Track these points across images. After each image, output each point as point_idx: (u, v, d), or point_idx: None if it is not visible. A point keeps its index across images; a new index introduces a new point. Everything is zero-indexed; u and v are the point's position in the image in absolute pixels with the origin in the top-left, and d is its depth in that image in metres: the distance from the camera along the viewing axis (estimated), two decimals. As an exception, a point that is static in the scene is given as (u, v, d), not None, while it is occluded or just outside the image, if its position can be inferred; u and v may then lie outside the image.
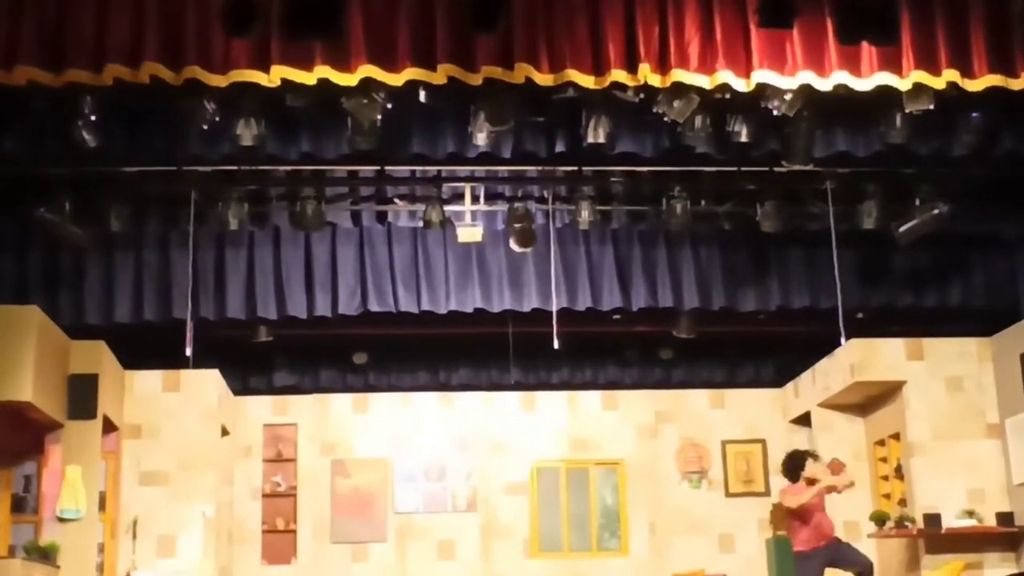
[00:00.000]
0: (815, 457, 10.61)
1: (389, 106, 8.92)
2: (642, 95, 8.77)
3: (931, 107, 8.80)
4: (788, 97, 8.70)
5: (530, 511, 14.89)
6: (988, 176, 11.17)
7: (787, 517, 10.56)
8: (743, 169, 10.83)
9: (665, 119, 9.21)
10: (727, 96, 8.73)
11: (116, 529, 12.06)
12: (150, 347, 12.45)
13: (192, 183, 10.81)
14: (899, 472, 12.88)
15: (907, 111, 9.04)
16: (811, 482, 10.24)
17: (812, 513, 10.23)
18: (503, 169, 11.00)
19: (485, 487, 14.87)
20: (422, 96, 8.92)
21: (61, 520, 10.88)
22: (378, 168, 10.97)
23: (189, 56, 7.74)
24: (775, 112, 9.03)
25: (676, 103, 8.77)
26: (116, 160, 10.04)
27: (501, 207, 11.46)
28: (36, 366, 10.13)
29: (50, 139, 9.36)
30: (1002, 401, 12.10)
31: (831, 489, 10.39)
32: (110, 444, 11.98)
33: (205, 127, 9.20)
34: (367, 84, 8.06)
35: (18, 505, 11.46)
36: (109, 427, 11.81)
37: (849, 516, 13.01)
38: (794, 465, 10.49)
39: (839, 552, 10.25)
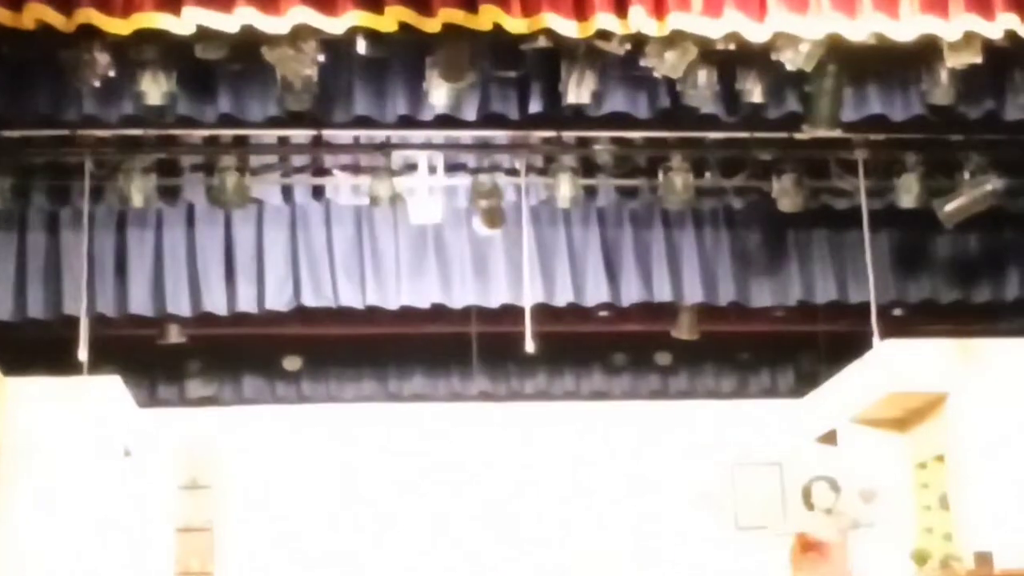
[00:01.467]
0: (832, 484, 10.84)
1: (321, 58, 8.94)
2: (628, 45, 8.81)
3: (980, 61, 8.89)
4: (805, 48, 8.76)
5: (498, 549, 14.93)
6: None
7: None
8: (756, 135, 10.92)
9: (659, 75, 9.27)
10: (734, 47, 8.79)
11: (-5, 572, 12.05)
12: (36, 349, 12.42)
13: (87, 150, 10.79)
14: (945, 502, 12.95)
15: (952, 66, 9.13)
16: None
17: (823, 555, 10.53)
18: (466, 134, 11.04)
19: (445, 518, 14.90)
20: (364, 47, 8.94)
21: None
22: (314, 133, 10.99)
23: (80, -2, 7.75)
24: (790, 67, 9.09)
25: (668, 54, 8.80)
26: (-7, 122, 10.04)
27: (463, 180, 11.47)
28: None
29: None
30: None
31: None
32: (-14, 466, 11.97)
33: (102, 83, 9.20)
34: (299, 31, 8.07)
35: None
36: (-14, 447, 11.79)
37: (884, 554, 13.10)
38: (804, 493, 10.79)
39: None
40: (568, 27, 8.10)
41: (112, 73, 9.10)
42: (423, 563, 14.66)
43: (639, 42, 8.67)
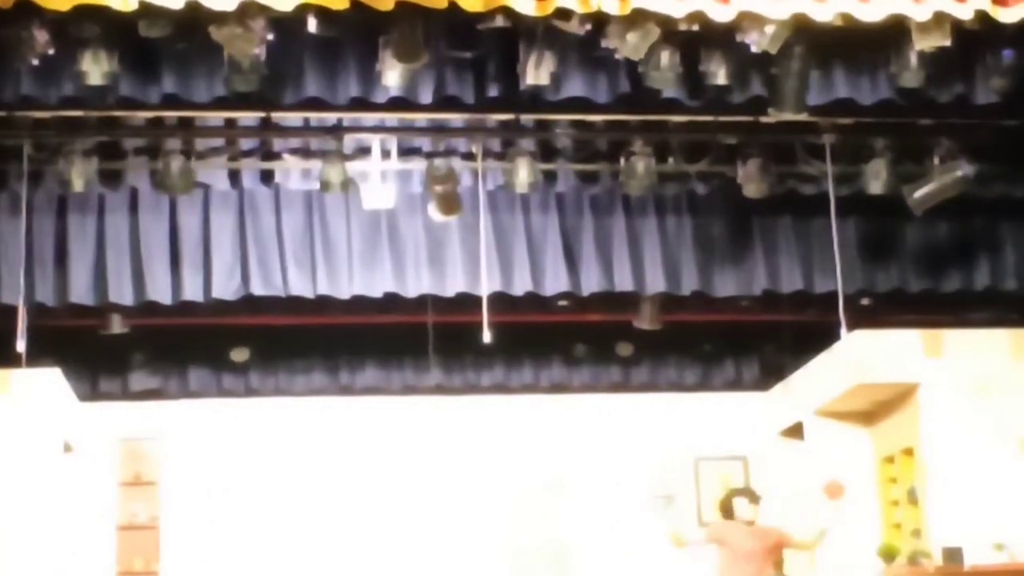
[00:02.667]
0: (752, 497, 11.17)
1: (270, 37, 8.92)
2: (589, 26, 8.82)
3: (949, 43, 8.94)
4: (770, 29, 8.78)
5: (457, 547, 14.93)
6: (1021, 129, 11.32)
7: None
8: (720, 119, 10.93)
9: (620, 56, 9.28)
10: (697, 28, 8.80)
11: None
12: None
13: (24, 132, 10.71)
14: (912, 496, 13.03)
15: (921, 49, 9.18)
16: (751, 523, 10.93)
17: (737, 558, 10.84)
18: (420, 117, 10.99)
19: (397, 515, 14.90)
20: (314, 25, 8.91)
21: None
22: (262, 115, 10.94)
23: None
24: (755, 48, 9.12)
25: (630, 35, 8.81)
26: (-74, 103, 9.97)
27: (418, 165, 11.42)
28: None
29: None
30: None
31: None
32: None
33: (40, 62, 9.16)
34: (246, 8, 8.04)
35: None
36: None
37: (852, 550, 13.17)
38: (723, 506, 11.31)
39: None
40: (526, 5, 8.09)
41: (51, 51, 9.05)
42: (373, 559, 14.65)
43: (600, 22, 8.68)
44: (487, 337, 11.68)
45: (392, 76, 9.55)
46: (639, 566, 14.76)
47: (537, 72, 9.53)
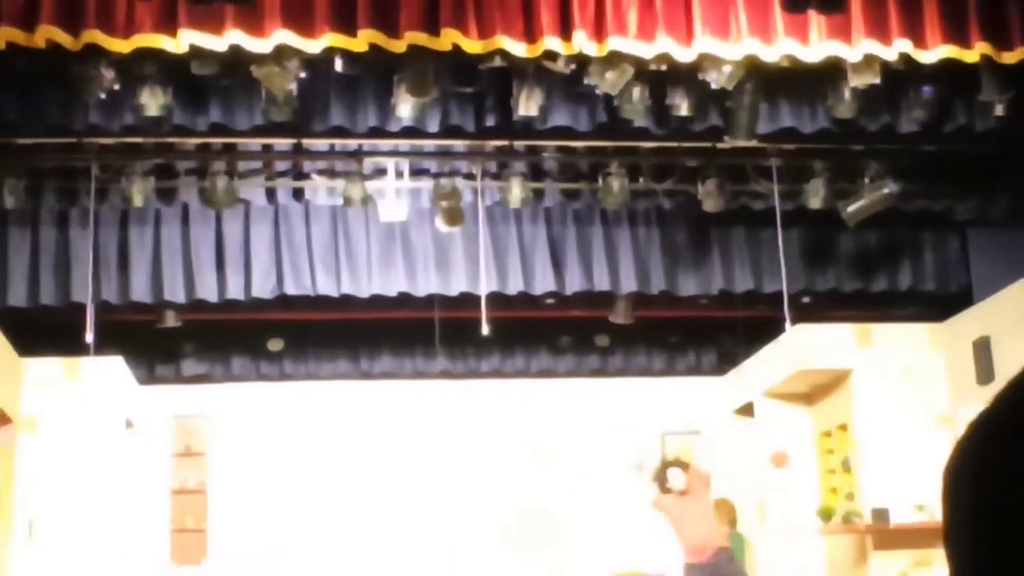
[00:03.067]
0: (683, 466, 11.23)
1: (304, 75, 8.92)
2: (575, 66, 8.81)
3: (878, 81, 8.94)
4: (728, 69, 8.78)
5: (458, 509, 14.91)
6: (939, 153, 11.32)
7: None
8: (683, 145, 10.89)
9: (599, 91, 9.27)
10: (665, 68, 8.80)
11: (9, 529, 11.94)
12: (48, 333, 12.34)
13: (92, 156, 10.69)
14: (846, 465, 13.03)
15: (854, 85, 9.18)
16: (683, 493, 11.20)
17: (680, 528, 10.89)
18: (428, 143, 10.99)
19: (404, 484, 14.87)
20: (340, 65, 8.90)
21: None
22: (294, 141, 10.92)
23: (88, 19, 7.67)
24: (714, 85, 9.12)
25: (610, 74, 8.81)
26: (8, 130, 9.90)
27: (426, 184, 11.42)
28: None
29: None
30: (954, 390, 12.27)
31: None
32: (3, 439, 11.86)
33: (106, 96, 9.14)
34: (281, 51, 8.03)
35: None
36: (2, 420, 11.69)
37: (795, 511, 13.18)
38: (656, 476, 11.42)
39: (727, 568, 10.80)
40: (519, 48, 8.09)
41: (115, 87, 9.04)
42: (387, 517, 14.62)
43: (582, 63, 8.68)
44: (485, 330, 11.75)
45: (404, 108, 9.54)
46: (614, 522, 14.75)
47: (528, 105, 9.52)
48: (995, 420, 0.81)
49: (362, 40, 7.88)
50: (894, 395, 12.51)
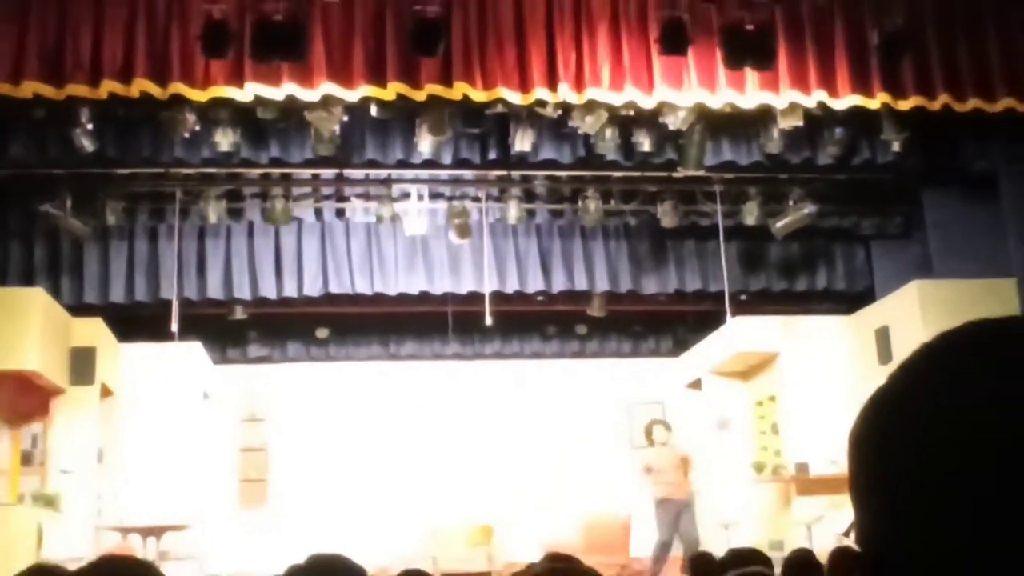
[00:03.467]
0: (666, 425, 11.22)
1: (346, 118, 8.94)
2: (560, 111, 8.82)
3: (801, 123, 8.95)
4: (681, 114, 8.80)
5: (467, 462, 14.90)
6: (849, 181, 11.32)
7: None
8: (645, 174, 10.87)
9: (579, 131, 9.29)
10: (632, 113, 8.80)
11: (112, 480, 11.95)
12: (141, 323, 12.31)
13: (177, 183, 10.73)
14: (775, 428, 13.04)
15: (781, 127, 9.18)
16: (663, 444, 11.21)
17: (661, 472, 10.82)
18: (443, 173, 10.97)
19: (423, 442, 14.86)
20: (374, 110, 8.91)
21: (64, 472, 10.78)
22: (337, 171, 10.94)
23: (174, 74, 7.67)
24: (671, 126, 9.13)
25: (588, 118, 8.82)
26: (110, 163, 9.90)
27: (442, 205, 11.46)
28: (41, 340, 10.05)
29: (53, 144, 9.25)
30: (859, 369, 12.25)
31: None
32: (107, 406, 11.86)
33: (187, 135, 9.15)
34: (327, 99, 8.04)
35: (26, 459, 11.35)
36: (106, 392, 11.69)
37: (734, 465, 13.17)
38: (645, 430, 11.38)
39: (685, 514, 10.76)
40: (515, 97, 8.10)
41: (195, 128, 9.05)
42: (408, 465, 14.60)
43: (566, 108, 8.69)
44: (488, 321, 11.78)
45: (425, 145, 9.54)
46: (589, 473, 14.73)
47: (522, 142, 9.53)
48: (887, 395, 0.80)
49: (391, 91, 7.88)
50: (812, 373, 12.50)
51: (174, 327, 11.14)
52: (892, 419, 0.78)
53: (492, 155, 10.21)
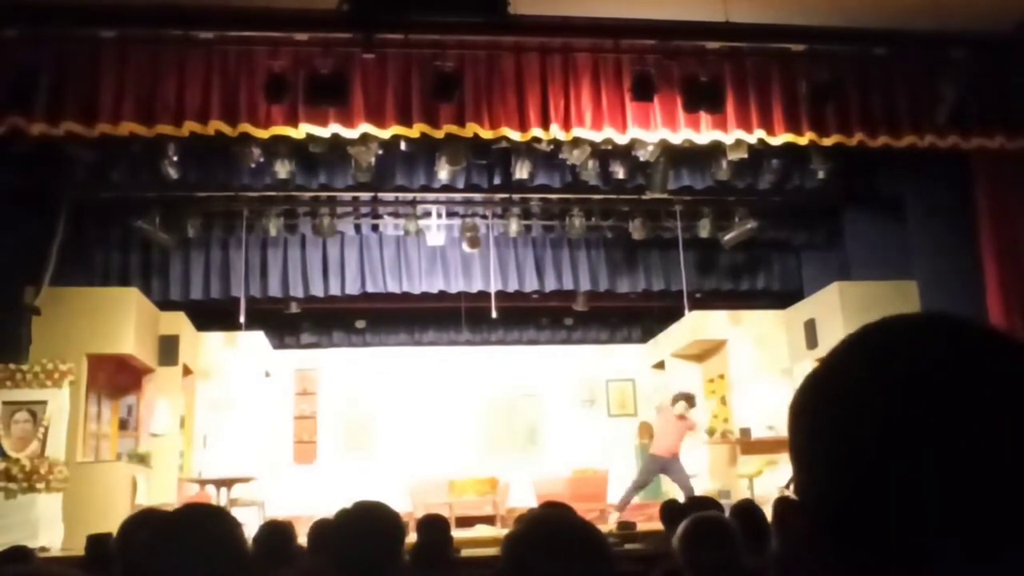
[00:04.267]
0: (690, 400, 11.05)
1: (380, 152, 8.94)
2: (552, 146, 8.83)
3: (745, 156, 8.96)
4: (650, 148, 8.81)
5: (477, 427, 14.92)
6: (783, 202, 11.33)
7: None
8: (620, 196, 10.89)
9: (567, 162, 9.30)
10: (609, 147, 8.81)
11: (191, 442, 11.97)
12: (215, 316, 12.32)
13: (244, 203, 10.74)
14: (724, 400, 13.05)
15: (729, 159, 9.19)
16: (681, 417, 10.82)
17: (665, 431, 10.77)
18: (458, 195, 10.96)
19: (442, 412, 14.88)
20: (402, 145, 8.92)
21: (153, 435, 10.81)
22: (372, 195, 10.94)
23: (242, 116, 7.67)
24: (641, 158, 9.15)
25: (575, 151, 8.86)
26: (191, 187, 9.94)
27: (456, 221, 11.47)
28: (135, 330, 10.10)
29: (145, 172, 9.28)
30: (791, 352, 12.28)
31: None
32: (188, 383, 11.89)
33: (253, 165, 9.19)
34: (365, 136, 8.04)
35: (123, 425, 11.38)
36: (187, 371, 11.73)
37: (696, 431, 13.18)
38: (674, 399, 11.10)
39: (674, 465, 10.62)
40: (515, 135, 8.09)
41: (259, 160, 9.08)
42: (430, 430, 14.62)
43: (556, 144, 8.68)
44: (494, 314, 11.82)
45: (443, 173, 9.57)
46: (574, 435, 14.74)
47: (521, 170, 9.55)
48: (819, 376, 0.81)
49: (416, 130, 7.88)
50: (753, 356, 12.53)
51: (241, 319, 11.19)
52: (822, 395, 0.79)
53: (497, 181, 10.23)
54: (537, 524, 1.94)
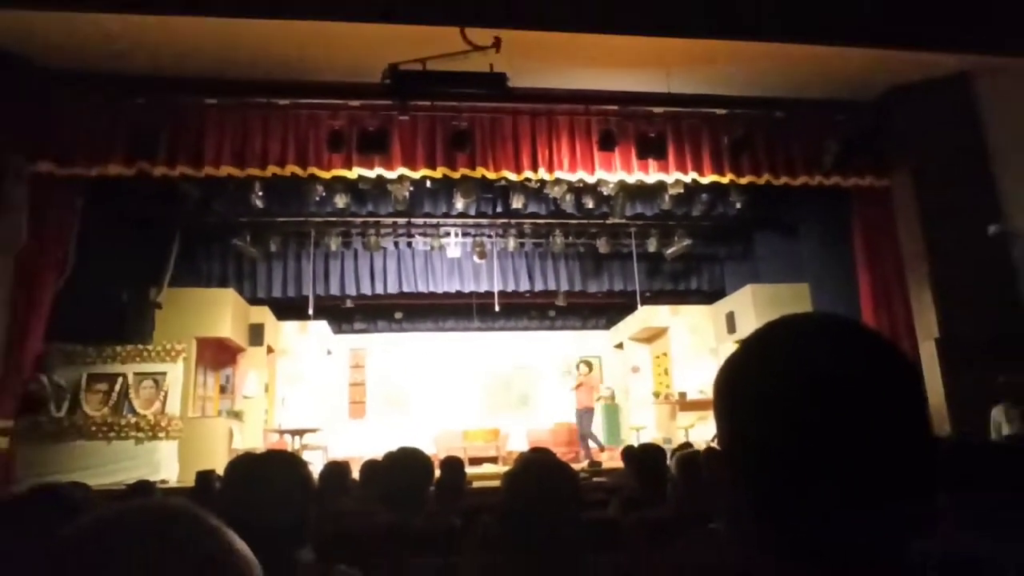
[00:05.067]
0: (588, 365, 11.13)
1: (411, 188, 8.91)
2: (539, 183, 8.82)
3: (682, 191, 8.94)
4: (611, 185, 8.81)
5: (483, 392, 14.90)
6: (710, 225, 11.31)
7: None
8: (591, 221, 10.86)
9: (551, 196, 9.27)
10: (581, 184, 8.80)
11: (273, 402, 11.94)
12: (290, 309, 12.28)
13: (312, 227, 10.71)
14: (667, 372, 13.03)
15: (671, 193, 9.17)
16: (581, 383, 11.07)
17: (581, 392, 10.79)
18: (470, 220, 10.93)
19: (458, 380, 14.86)
20: (428, 183, 8.91)
21: (245, 397, 10.78)
22: (407, 219, 10.90)
23: (310, 161, 7.66)
24: (605, 192, 9.13)
25: (556, 188, 8.85)
26: (272, 214, 9.90)
27: (469, 239, 11.41)
28: (232, 319, 10.06)
29: (239, 203, 9.25)
30: (716, 336, 12.27)
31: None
32: (270, 358, 11.86)
33: (318, 198, 9.15)
34: (401, 176, 8.03)
35: (222, 390, 11.33)
36: (270, 350, 11.69)
37: (642, 393, 13.16)
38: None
39: (583, 417, 10.82)
40: (512, 176, 8.08)
41: (323, 194, 9.05)
42: (449, 394, 14.62)
43: (542, 182, 8.67)
44: (496, 308, 11.77)
45: (459, 203, 9.54)
46: (554, 398, 14.72)
47: (516, 201, 9.51)
48: (737, 358, 0.82)
49: (439, 172, 7.87)
50: (688, 339, 12.52)
51: (310, 311, 11.15)
52: (738, 371, 0.80)
53: (499, 209, 10.22)
54: (527, 463, 1.95)
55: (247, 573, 0.71)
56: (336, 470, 4.24)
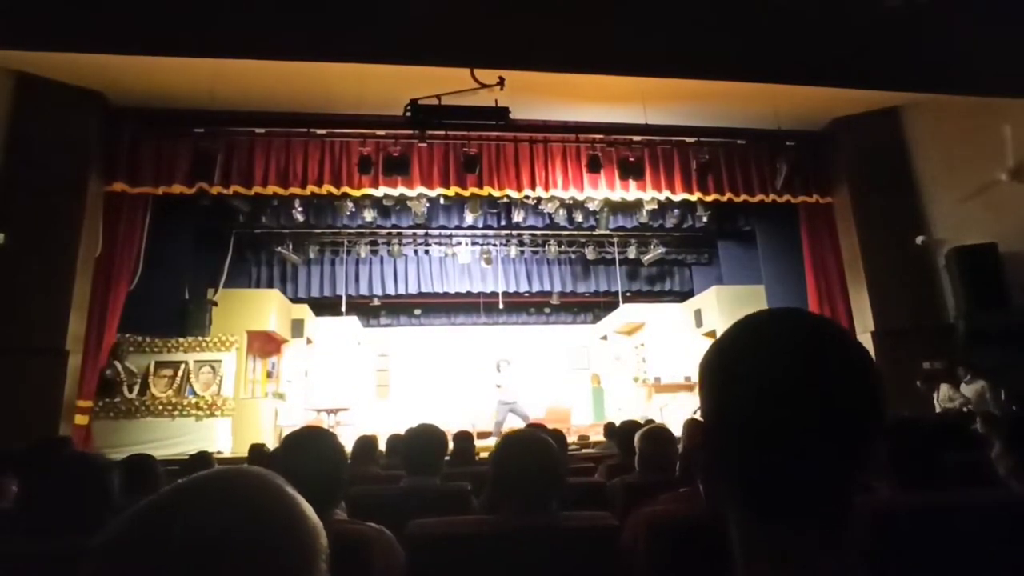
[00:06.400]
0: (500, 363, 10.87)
1: (428, 204, 8.89)
2: (536, 200, 8.81)
3: (657, 207, 8.93)
4: (597, 201, 8.79)
5: (489, 377, 14.85)
6: (681, 236, 11.29)
7: None
8: (579, 232, 10.84)
9: (546, 211, 9.26)
10: (572, 201, 8.78)
11: (311, 385, 11.92)
12: (327, 307, 12.26)
13: (344, 238, 10.70)
14: (644, 360, 12.94)
15: (647, 208, 9.16)
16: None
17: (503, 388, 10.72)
18: (478, 231, 10.92)
19: (470, 368, 14.83)
20: (442, 200, 8.89)
21: (288, 382, 10.77)
22: (425, 231, 10.89)
23: (343, 181, 7.67)
24: (592, 208, 9.11)
25: (550, 204, 8.83)
26: (311, 226, 9.88)
27: (478, 248, 11.40)
28: (277, 315, 10.02)
29: (282, 216, 9.25)
30: (686, 330, 12.17)
31: None
32: (309, 349, 11.82)
33: (349, 213, 9.13)
34: (420, 195, 8.03)
35: (269, 375, 11.31)
36: (309, 341, 11.65)
37: (624, 377, 13.11)
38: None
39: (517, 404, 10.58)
40: (514, 194, 8.09)
41: (352, 209, 9.03)
42: (461, 379, 14.58)
43: (539, 198, 8.66)
44: (500, 306, 11.75)
45: (469, 217, 9.52)
46: (549, 383, 14.69)
47: (517, 215, 9.51)
48: (718, 346, 0.82)
49: (452, 190, 7.87)
50: (662, 332, 12.38)
51: (343, 309, 11.15)
52: (718, 357, 0.80)
53: (502, 222, 10.20)
54: (520, 434, 1.95)
55: (318, 536, 0.71)
56: (366, 442, 4.24)
